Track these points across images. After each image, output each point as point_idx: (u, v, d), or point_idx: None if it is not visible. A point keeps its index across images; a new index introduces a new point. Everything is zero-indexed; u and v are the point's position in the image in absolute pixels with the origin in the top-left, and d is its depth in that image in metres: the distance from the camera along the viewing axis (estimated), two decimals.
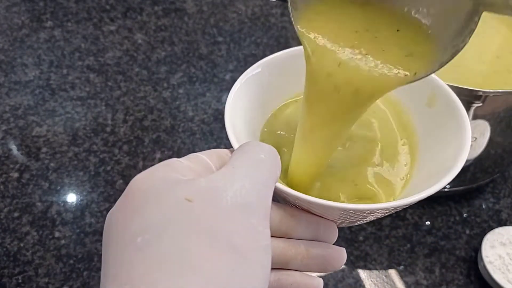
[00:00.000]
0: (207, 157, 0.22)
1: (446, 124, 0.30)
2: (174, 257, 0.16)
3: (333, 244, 0.26)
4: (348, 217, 0.25)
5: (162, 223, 0.17)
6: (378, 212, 0.25)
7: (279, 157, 0.22)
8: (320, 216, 0.25)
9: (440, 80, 0.31)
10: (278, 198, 0.25)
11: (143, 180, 0.20)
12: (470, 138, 0.27)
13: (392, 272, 0.43)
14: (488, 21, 0.50)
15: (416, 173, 0.30)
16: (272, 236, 0.23)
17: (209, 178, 0.19)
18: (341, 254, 0.25)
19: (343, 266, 0.43)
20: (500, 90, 0.37)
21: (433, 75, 0.30)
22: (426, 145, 0.31)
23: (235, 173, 0.20)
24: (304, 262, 0.24)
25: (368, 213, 0.25)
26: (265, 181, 0.20)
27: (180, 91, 0.59)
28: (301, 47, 0.30)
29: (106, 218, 0.20)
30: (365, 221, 0.28)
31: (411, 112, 0.33)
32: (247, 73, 0.30)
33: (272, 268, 0.23)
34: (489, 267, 0.41)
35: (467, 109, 0.38)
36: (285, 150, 0.31)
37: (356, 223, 0.28)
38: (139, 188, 0.19)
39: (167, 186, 0.19)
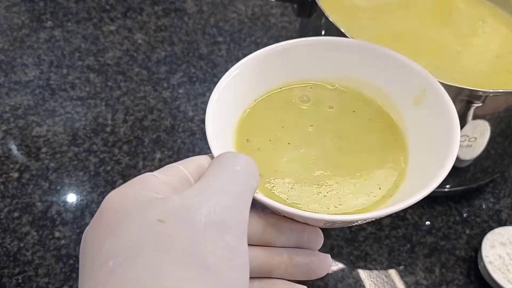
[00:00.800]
0: (185, 168, 0.22)
1: (435, 124, 0.29)
2: (147, 281, 0.16)
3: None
4: (336, 224, 0.25)
5: (134, 246, 0.17)
6: (364, 221, 0.25)
7: (256, 167, 0.22)
8: (304, 223, 0.25)
9: (432, 77, 0.30)
10: (260, 206, 0.25)
11: (116, 199, 0.19)
12: (458, 144, 0.27)
13: (392, 272, 0.43)
14: (488, 20, 0.50)
15: (406, 177, 0.29)
16: (254, 245, 0.23)
17: (182, 196, 0.19)
18: (326, 261, 0.25)
19: (343, 266, 0.43)
20: (500, 90, 0.37)
21: (425, 71, 0.30)
22: (415, 148, 0.31)
23: (209, 188, 0.19)
24: (288, 271, 0.24)
25: (352, 222, 0.25)
26: (241, 194, 0.20)
27: (180, 91, 0.59)
28: (275, 45, 0.32)
29: (82, 237, 0.20)
30: (355, 225, 0.27)
31: (401, 110, 0.32)
32: (225, 77, 0.30)
33: (256, 277, 0.24)
34: (489, 267, 0.41)
35: (467, 109, 0.39)
36: (262, 150, 0.31)
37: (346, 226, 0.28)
38: (112, 207, 0.19)
39: (139, 206, 0.18)
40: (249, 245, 0.20)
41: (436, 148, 0.28)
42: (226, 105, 0.31)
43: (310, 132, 0.32)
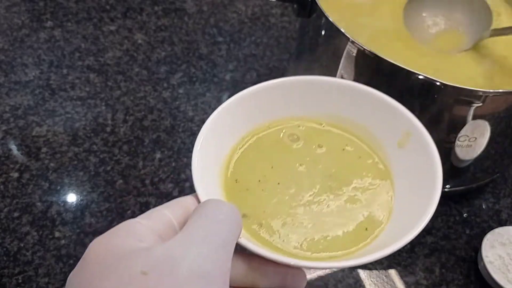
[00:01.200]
0: (170, 212, 0.22)
1: (419, 168, 0.30)
2: None
3: None
4: (318, 270, 0.26)
5: None
6: (347, 267, 0.25)
7: (239, 215, 0.22)
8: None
9: (417, 120, 0.31)
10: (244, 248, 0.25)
11: (101, 247, 0.19)
12: (439, 192, 0.27)
13: (392, 272, 0.43)
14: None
15: (391, 219, 0.30)
16: None
17: (165, 247, 0.19)
18: None
19: None
20: (500, 90, 0.37)
21: (410, 114, 0.31)
22: (401, 190, 0.31)
23: (192, 239, 0.19)
24: None
25: (333, 268, 0.25)
26: (224, 244, 0.20)
27: (180, 91, 0.59)
28: (255, 86, 0.32)
29: (67, 281, 0.20)
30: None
31: (387, 150, 0.33)
32: (211, 118, 0.30)
33: None
34: (489, 267, 0.41)
35: (467, 109, 0.39)
36: (250, 191, 0.31)
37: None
38: (97, 256, 0.19)
39: (122, 257, 0.18)
40: (232, 287, 0.20)
41: (420, 193, 0.28)
42: (214, 146, 0.31)
43: (300, 172, 0.32)
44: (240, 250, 0.23)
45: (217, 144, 0.31)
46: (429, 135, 0.30)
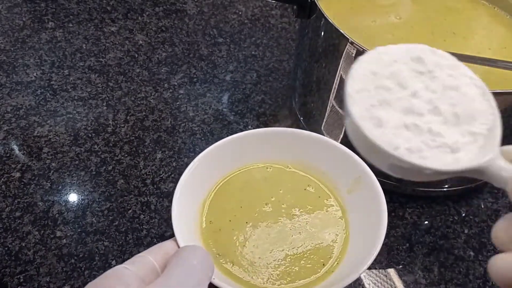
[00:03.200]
0: (153, 257, 0.25)
1: (369, 208, 0.34)
2: None
3: None
4: None
5: None
6: None
7: (211, 259, 0.25)
8: None
9: (366, 166, 0.35)
10: None
11: None
12: (384, 231, 0.31)
13: (391, 271, 0.43)
14: (485, 22, 0.50)
15: (346, 254, 0.33)
16: None
17: None
18: None
19: None
20: (500, 90, 0.37)
21: (361, 161, 0.35)
22: (355, 228, 0.35)
23: (168, 283, 0.22)
24: None
25: None
26: (196, 286, 0.23)
27: (181, 91, 0.59)
28: (225, 139, 0.37)
29: None
30: None
31: (342, 192, 0.37)
32: (186, 172, 0.34)
33: None
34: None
35: None
36: (222, 230, 0.34)
37: None
38: None
39: None
40: None
41: (369, 232, 0.32)
42: (191, 194, 0.34)
43: (266, 211, 0.36)
44: None
45: (193, 191, 0.35)
46: (375, 178, 0.34)
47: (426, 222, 0.47)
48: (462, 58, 0.41)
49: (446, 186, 0.47)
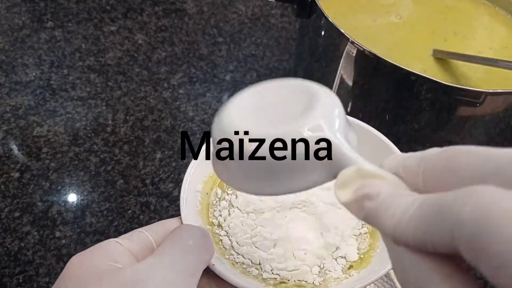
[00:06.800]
0: (151, 233, 0.23)
1: None
2: None
3: None
4: None
5: None
6: None
7: (211, 240, 0.23)
8: None
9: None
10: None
11: (78, 266, 0.21)
12: None
13: (392, 272, 0.43)
14: (486, 21, 0.50)
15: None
16: None
17: (134, 269, 0.20)
18: None
19: None
20: (500, 90, 0.37)
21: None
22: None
23: (159, 263, 0.20)
24: None
25: None
26: (190, 270, 0.21)
27: (181, 91, 0.59)
28: None
29: None
30: None
31: None
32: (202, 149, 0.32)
33: None
34: None
35: (467, 109, 0.39)
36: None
37: None
38: (74, 273, 0.20)
39: (95, 276, 0.20)
40: None
41: None
42: (201, 174, 0.32)
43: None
44: (214, 275, 0.24)
45: (207, 168, 0.32)
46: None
47: None
48: (462, 58, 0.41)
49: None
